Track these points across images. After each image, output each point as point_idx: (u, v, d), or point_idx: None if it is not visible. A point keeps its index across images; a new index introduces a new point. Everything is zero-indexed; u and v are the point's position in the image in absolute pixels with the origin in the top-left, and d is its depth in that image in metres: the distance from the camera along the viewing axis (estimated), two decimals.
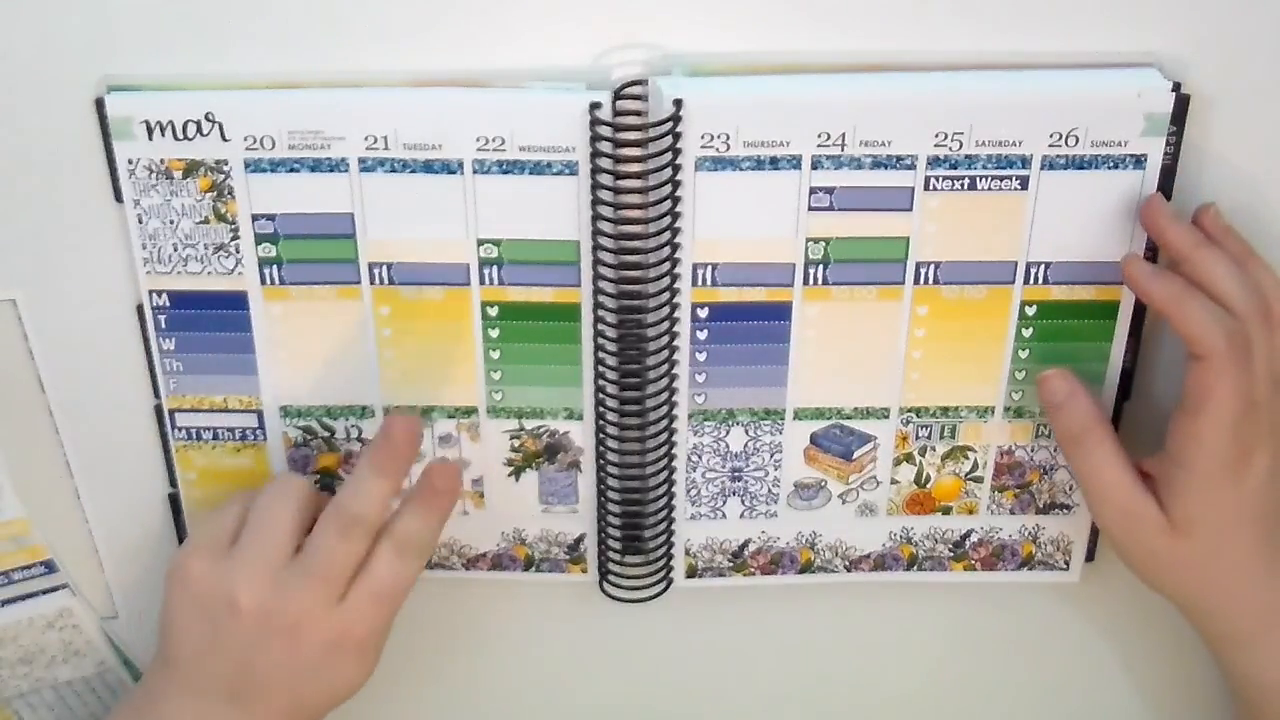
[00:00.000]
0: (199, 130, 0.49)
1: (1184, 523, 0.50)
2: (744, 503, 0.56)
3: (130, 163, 0.50)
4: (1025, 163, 0.50)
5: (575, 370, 0.54)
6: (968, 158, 0.50)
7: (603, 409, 0.54)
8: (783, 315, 0.52)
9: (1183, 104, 0.49)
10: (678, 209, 0.50)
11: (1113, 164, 0.50)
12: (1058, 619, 0.61)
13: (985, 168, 0.50)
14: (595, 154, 0.49)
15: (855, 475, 0.56)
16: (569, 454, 0.56)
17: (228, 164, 0.50)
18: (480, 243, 0.51)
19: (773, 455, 0.55)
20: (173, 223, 0.51)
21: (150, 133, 0.49)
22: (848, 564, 0.58)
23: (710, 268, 0.51)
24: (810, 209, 0.50)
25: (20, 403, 0.54)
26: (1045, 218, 0.51)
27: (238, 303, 0.52)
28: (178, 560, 0.51)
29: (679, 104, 0.48)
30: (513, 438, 0.55)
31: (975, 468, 0.56)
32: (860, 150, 0.49)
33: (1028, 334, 0.53)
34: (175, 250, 0.51)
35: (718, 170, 0.49)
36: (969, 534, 0.58)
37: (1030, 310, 0.52)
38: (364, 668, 0.51)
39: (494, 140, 0.49)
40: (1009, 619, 0.61)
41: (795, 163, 0.49)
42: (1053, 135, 0.49)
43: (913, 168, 0.50)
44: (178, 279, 0.52)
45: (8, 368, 0.53)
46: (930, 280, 0.52)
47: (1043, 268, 0.52)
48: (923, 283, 0.52)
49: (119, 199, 0.50)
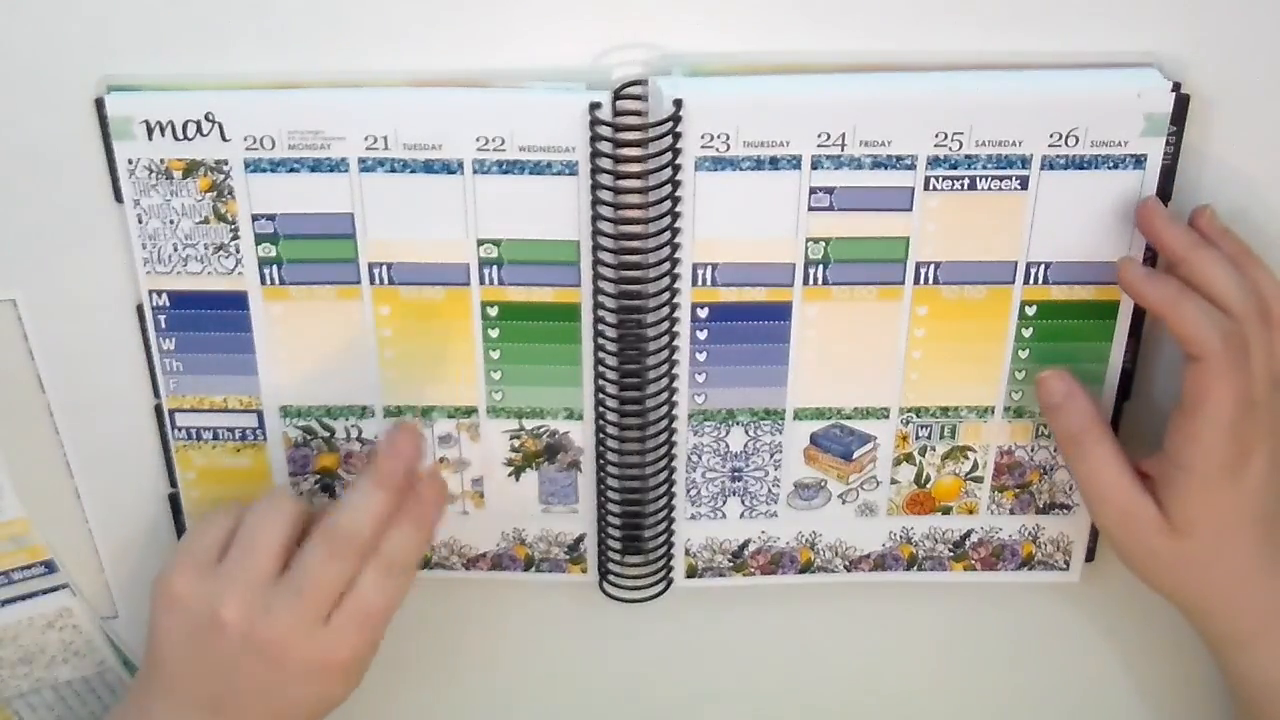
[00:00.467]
0: (199, 130, 0.49)
1: (1183, 523, 0.50)
2: (744, 503, 0.56)
3: (130, 163, 0.50)
4: (1025, 163, 0.50)
5: (575, 370, 0.54)
6: (968, 158, 0.50)
7: (603, 409, 0.54)
8: (783, 315, 0.52)
9: (1183, 104, 0.49)
10: (678, 209, 0.50)
11: (1113, 164, 0.50)
12: (1058, 619, 0.61)
13: (985, 168, 0.50)
14: (595, 154, 0.49)
15: (855, 475, 0.56)
16: (569, 454, 0.56)
17: (228, 164, 0.50)
18: (480, 243, 0.51)
19: (773, 455, 0.55)
20: (173, 223, 0.51)
21: (150, 133, 0.49)
22: (848, 564, 0.58)
23: (710, 268, 0.51)
24: (810, 209, 0.50)
25: (20, 403, 0.54)
26: (1045, 218, 0.51)
27: (238, 303, 0.52)
28: (163, 574, 0.51)
29: (679, 104, 0.48)
30: (513, 438, 0.55)
31: (975, 468, 0.56)
32: (860, 150, 0.49)
33: (1028, 334, 0.53)
34: (175, 250, 0.51)
35: (718, 170, 0.49)
36: (969, 534, 0.58)
37: (1030, 310, 0.52)
38: (347, 687, 0.51)
39: (494, 140, 0.49)
40: (1009, 619, 0.61)
41: (795, 163, 0.49)
42: (1053, 135, 0.49)
43: (913, 168, 0.50)
44: (178, 279, 0.52)
45: (8, 368, 0.53)
46: (930, 280, 0.52)
47: (1042, 268, 0.52)
48: (923, 283, 0.52)
49: (119, 199, 0.50)
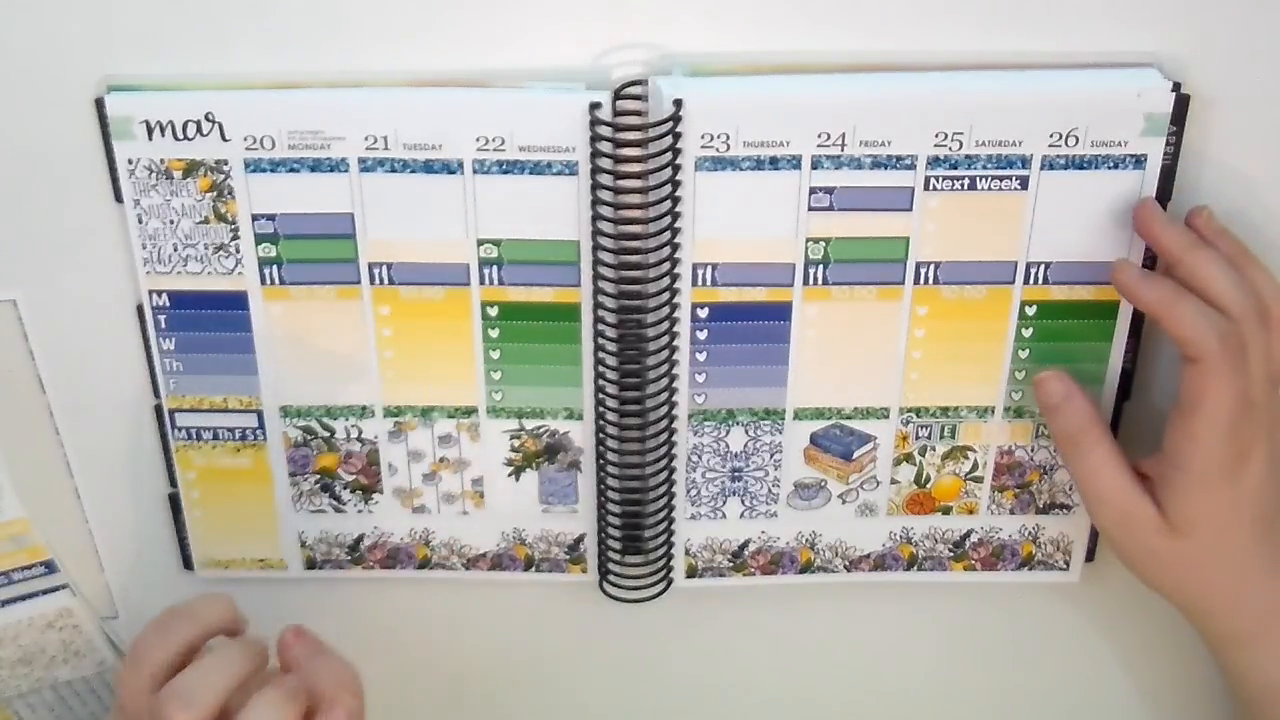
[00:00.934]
0: (199, 130, 0.49)
1: (1182, 523, 0.50)
2: (744, 503, 0.56)
3: (130, 163, 0.50)
4: (1025, 163, 0.50)
5: (575, 370, 0.54)
6: (968, 158, 0.50)
7: (603, 409, 0.54)
8: (783, 315, 0.52)
9: (1183, 104, 0.49)
10: (678, 209, 0.50)
11: (1113, 164, 0.50)
12: (1058, 619, 0.61)
13: (985, 168, 0.50)
14: (595, 154, 0.49)
15: (855, 475, 0.56)
16: (569, 454, 0.56)
17: (228, 164, 0.50)
18: (480, 243, 0.51)
19: (773, 455, 0.55)
20: (173, 223, 0.51)
21: (150, 133, 0.49)
22: (848, 564, 0.58)
23: (710, 268, 0.51)
24: (810, 209, 0.50)
25: (20, 403, 0.54)
26: (1045, 218, 0.51)
27: (238, 303, 0.52)
28: (117, 684, 0.48)
29: (679, 104, 0.48)
30: (513, 438, 0.55)
31: (975, 468, 0.56)
32: (860, 150, 0.49)
33: (1028, 334, 0.53)
34: (175, 250, 0.51)
35: (718, 170, 0.49)
36: (969, 534, 0.58)
37: (1030, 310, 0.52)
38: None
39: (494, 140, 0.49)
40: (1009, 619, 0.61)
41: (795, 163, 0.49)
42: (1053, 135, 0.49)
43: (913, 168, 0.50)
44: (178, 279, 0.52)
45: (8, 368, 0.53)
46: (930, 280, 0.52)
47: (1042, 268, 0.52)
48: (923, 283, 0.52)
49: (119, 199, 0.50)
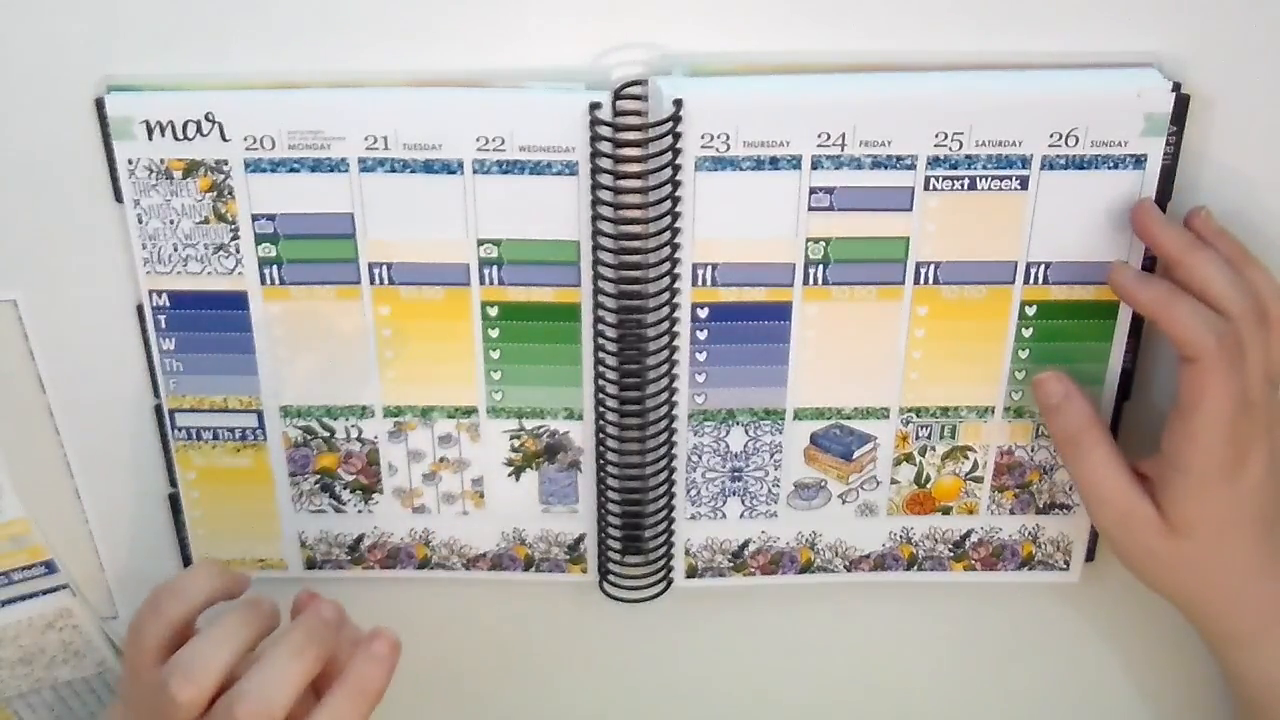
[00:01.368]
0: (199, 130, 0.49)
1: (1181, 524, 0.50)
2: (744, 503, 0.56)
3: (130, 163, 0.50)
4: (1025, 163, 0.50)
5: (575, 370, 0.54)
6: (968, 158, 0.50)
7: (603, 409, 0.54)
8: (783, 315, 0.52)
9: (1183, 104, 0.49)
10: (678, 209, 0.50)
11: (1113, 164, 0.50)
12: (1058, 619, 0.61)
13: (985, 168, 0.50)
14: (595, 154, 0.49)
15: (855, 475, 0.56)
16: (569, 454, 0.56)
17: (228, 164, 0.50)
18: (480, 243, 0.51)
19: (773, 455, 0.55)
20: (173, 223, 0.51)
21: (150, 133, 0.49)
22: (848, 564, 0.58)
23: (710, 268, 0.51)
24: (810, 209, 0.50)
25: (20, 403, 0.54)
26: (1045, 218, 0.51)
27: (238, 303, 0.52)
28: (127, 644, 0.49)
29: (679, 104, 0.48)
30: (513, 438, 0.55)
31: (975, 468, 0.56)
32: (860, 150, 0.49)
33: (1028, 334, 0.53)
34: (175, 250, 0.51)
35: (718, 170, 0.49)
36: (969, 534, 0.58)
37: (1030, 310, 0.52)
38: None
39: (494, 140, 0.49)
40: (1009, 619, 0.61)
41: (795, 163, 0.49)
42: (1053, 135, 0.49)
43: (913, 168, 0.50)
44: (178, 279, 0.52)
45: (8, 368, 0.53)
46: (930, 280, 0.52)
47: (1042, 268, 0.52)
48: (923, 283, 0.52)
49: (119, 199, 0.50)
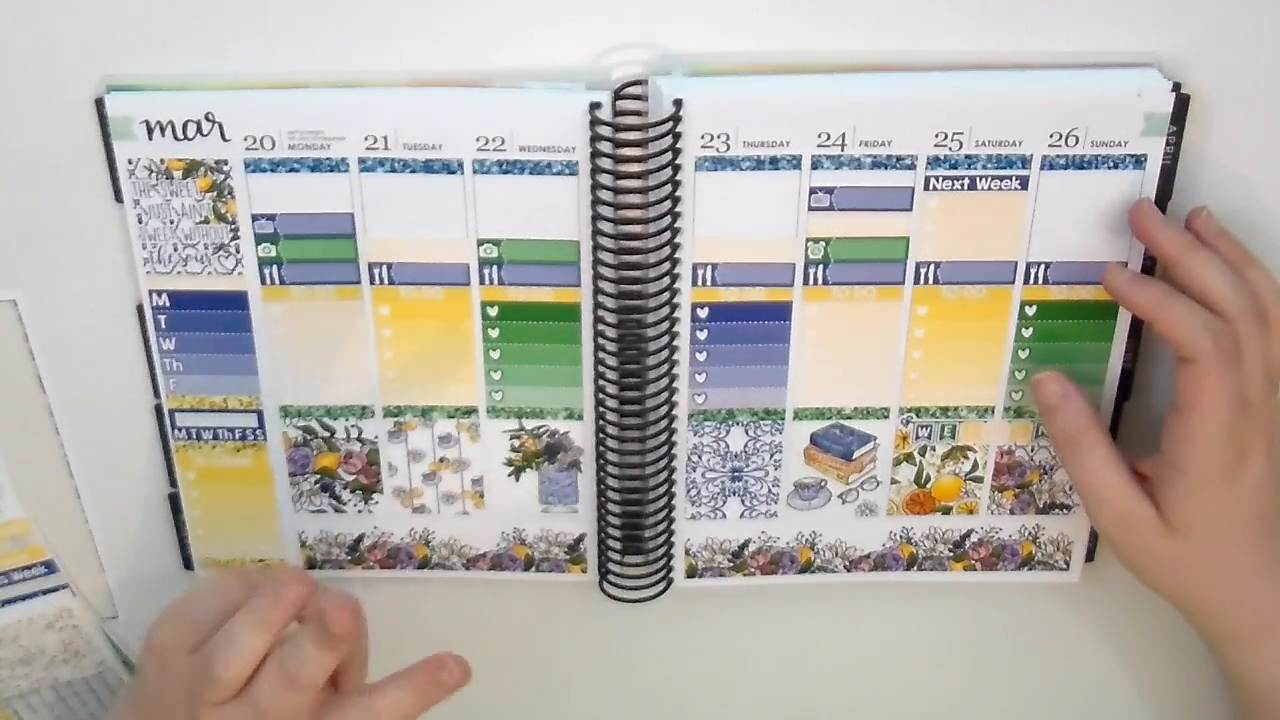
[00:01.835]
0: (199, 130, 0.49)
1: (1180, 524, 0.50)
2: (744, 503, 0.56)
3: (130, 163, 0.50)
4: (1025, 163, 0.50)
5: (575, 370, 0.54)
6: (968, 158, 0.50)
7: (603, 409, 0.54)
8: (783, 315, 0.52)
9: (1183, 104, 0.49)
10: (678, 209, 0.50)
11: (1113, 164, 0.50)
12: (1058, 619, 0.61)
13: (985, 168, 0.50)
14: (595, 154, 0.49)
15: (855, 475, 0.56)
16: (569, 454, 0.56)
17: (228, 164, 0.50)
18: (480, 243, 0.51)
19: (773, 455, 0.55)
20: (173, 223, 0.51)
21: (150, 133, 0.49)
22: (848, 564, 0.58)
23: (710, 268, 0.51)
24: (810, 209, 0.50)
25: (20, 403, 0.54)
26: (1045, 218, 0.51)
27: (238, 303, 0.52)
28: (153, 637, 0.49)
29: (679, 104, 0.48)
30: (513, 438, 0.55)
31: (975, 468, 0.56)
32: (860, 150, 0.49)
33: (1028, 334, 0.53)
34: (175, 250, 0.51)
35: (718, 170, 0.49)
36: (969, 534, 0.58)
37: (1030, 310, 0.52)
38: None
39: (494, 140, 0.49)
40: (1009, 619, 0.61)
41: (795, 163, 0.49)
42: (1053, 135, 0.49)
43: (913, 168, 0.50)
44: (178, 279, 0.52)
45: (8, 368, 0.53)
46: (930, 280, 0.52)
47: (1042, 268, 0.52)
48: (923, 283, 0.52)
49: (119, 199, 0.50)
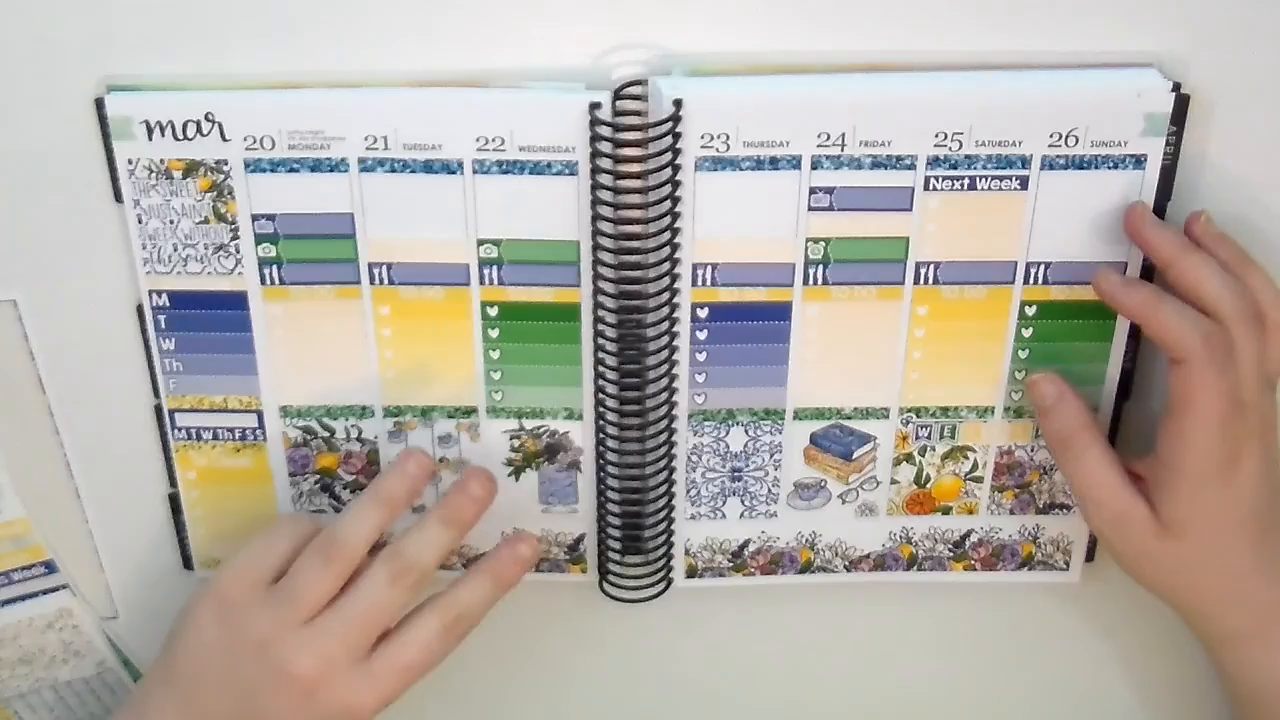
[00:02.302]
0: (199, 130, 0.49)
1: (1175, 524, 0.50)
2: (744, 503, 0.56)
3: (130, 163, 0.50)
4: (1025, 163, 0.50)
5: (575, 370, 0.54)
6: (968, 158, 0.50)
7: (603, 409, 0.54)
8: (783, 315, 0.52)
9: (1183, 104, 0.49)
10: (677, 209, 0.50)
11: (1112, 164, 0.50)
12: (1058, 619, 0.61)
13: (985, 168, 0.50)
14: (595, 154, 0.49)
15: (855, 475, 0.56)
16: (569, 454, 0.56)
17: (228, 164, 0.50)
18: (480, 243, 0.51)
19: (773, 455, 0.55)
20: (173, 223, 0.51)
21: (150, 133, 0.49)
22: (848, 564, 0.58)
23: (710, 268, 0.51)
24: (810, 209, 0.50)
25: (20, 403, 0.54)
26: (1045, 218, 0.51)
27: (238, 303, 0.52)
28: (219, 583, 0.50)
29: (679, 104, 0.48)
30: (513, 438, 0.55)
31: (975, 468, 0.56)
32: (860, 150, 0.49)
33: (1027, 334, 0.53)
34: (175, 250, 0.51)
35: (718, 170, 0.49)
36: (969, 534, 0.58)
37: (1030, 310, 0.52)
38: None
39: (494, 140, 0.49)
40: (1009, 619, 0.61)
41: (795, 163, 0.49)
42: (1053, 135, 0.49)
43: (912, 168, 0.50)
44: (178, 279, 0.52)
45: (8, 368, 0.53)
46: (930, 280, 0.52)
47: (1042, 268, 0.52)
48: (923, 283, 0.52)
49: (119, 199, 0.50)
